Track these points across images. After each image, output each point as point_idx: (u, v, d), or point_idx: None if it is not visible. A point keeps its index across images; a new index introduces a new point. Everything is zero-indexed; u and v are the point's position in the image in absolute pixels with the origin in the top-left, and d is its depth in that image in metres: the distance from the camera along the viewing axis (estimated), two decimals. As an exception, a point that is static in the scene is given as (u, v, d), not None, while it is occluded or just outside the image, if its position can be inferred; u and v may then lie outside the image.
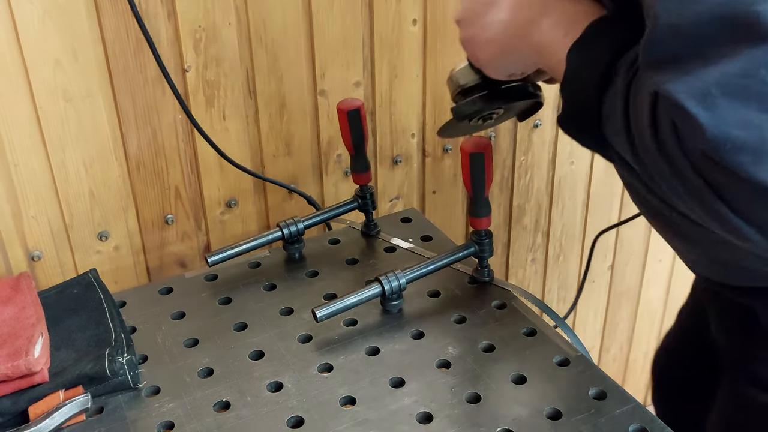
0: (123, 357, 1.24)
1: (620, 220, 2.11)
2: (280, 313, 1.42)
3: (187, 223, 1.76)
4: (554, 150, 2.21)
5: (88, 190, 1.62)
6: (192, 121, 1.62)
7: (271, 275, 1.52)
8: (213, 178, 1.74)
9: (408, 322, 1.37)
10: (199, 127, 1.63)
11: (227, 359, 1.30)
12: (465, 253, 1.44)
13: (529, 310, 1.39)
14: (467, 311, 1.40)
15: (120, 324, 1.33)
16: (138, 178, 1.67)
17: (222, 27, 1.62)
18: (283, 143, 1.79)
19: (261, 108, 1.73)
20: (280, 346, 1.33)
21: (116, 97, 1.58)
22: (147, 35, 1.51)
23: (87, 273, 1.47)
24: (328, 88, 1.79)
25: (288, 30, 1.69)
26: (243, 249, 1.52)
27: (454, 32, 1.82)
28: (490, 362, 1.27)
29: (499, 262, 2.31)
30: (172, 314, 1.42)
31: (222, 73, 1.66)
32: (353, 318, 1.38)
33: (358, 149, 1.54)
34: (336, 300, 1.34)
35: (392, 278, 1.37)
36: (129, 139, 1.63)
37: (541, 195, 2.27)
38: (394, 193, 2.01)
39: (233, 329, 1.38)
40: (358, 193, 1.61)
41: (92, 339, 1.31)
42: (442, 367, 1.27)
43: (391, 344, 1.32)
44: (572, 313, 2.59)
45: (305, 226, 1.56)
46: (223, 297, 1.47)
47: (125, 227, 1.70)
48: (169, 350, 1.33)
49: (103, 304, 1.38)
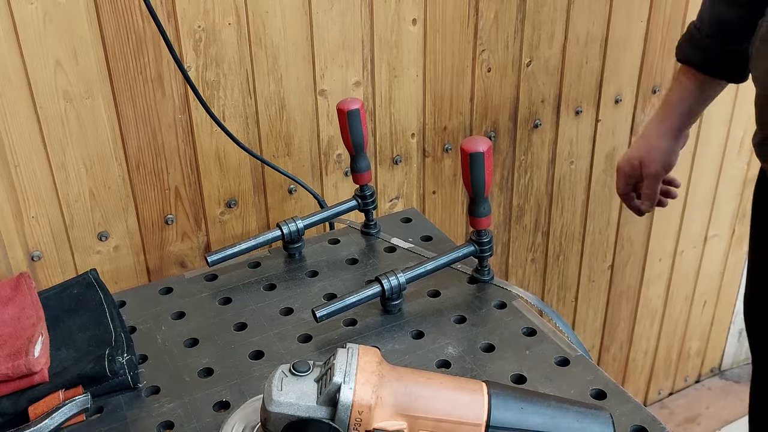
0: (123, 357, 1.24)
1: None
2: (279, 312, 1.41)
3: (187, 223, 1.76)
4: (554, 150, 2.21)
5: (88, 190, 1.62)
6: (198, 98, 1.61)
7: (270, 275, 1.52)
8: (213, 179, 1.74)
9: (408, 322, 1.37)
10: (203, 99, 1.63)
11: (227, 359, 1.30)
12: (465, 252, 1.44)
13: (528, 310, 1.39)
14: (467, 311, 1.40)
15: (120, 324, 1.33)
16: (138, 179, 1.67)
17: (222, 27, 1.62)
18: (283, 143, 1.79)
19: (261, 108, 1.73)
20: (280, 346, 1.33)
21: (116, 97, 1.58)
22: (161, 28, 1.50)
23: (87, 273, 1.47)
24: (327, 89, 1.79)
25: (288, 30, 1.69)
26: (243, 248, 1.52)
27: (454, 32, 1.84)
28: (490, 362, 1.27)
29: (499, 261, 2.31)
30: (171, 314, 1.42)
31: (222, 73, 1.66)
32: (353, 318, 1.38)
33: (358, 149, 1.54)
34: (336, 300, 1.34)
35: (392, 278, 1.37)
36: (129, 140, 1.63)
37: (540, 195, 2.27)
38: (394, 193, 2.01)
39: (233, 329, 1.38)
40: (358, 192, 1.61)
41: (92, 339, 1.31)
42: (441, 366, 1.27)
43: (391, 344, 1.32)
44: (573, 314, 2.60)
45: (305, 225, 1.56)
46: (222, 297, 1.47)
47: (125, 227, 1.70)
48: (169, 350, 1.33)
49: (103, 304, 1.38)
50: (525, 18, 1.98)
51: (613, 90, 2.24)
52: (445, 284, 1.47)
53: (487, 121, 2.06)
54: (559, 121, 2.18)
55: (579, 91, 2.18)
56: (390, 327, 1.36)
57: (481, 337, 1.33)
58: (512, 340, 1.32)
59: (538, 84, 2.09)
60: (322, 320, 1.31)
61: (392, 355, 1.29)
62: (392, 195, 2.01)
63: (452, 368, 1.26)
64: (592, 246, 2.48)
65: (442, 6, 1.84)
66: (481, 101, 2.02)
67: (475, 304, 1.41)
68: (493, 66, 1.99)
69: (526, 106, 2.10)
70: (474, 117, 2.03)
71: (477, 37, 1.93)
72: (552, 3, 2.00)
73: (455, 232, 2.17)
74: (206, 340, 1.35)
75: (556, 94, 2.14)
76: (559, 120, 2.18)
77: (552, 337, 1.32)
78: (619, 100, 2.26)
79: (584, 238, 2.44)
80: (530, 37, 2.01)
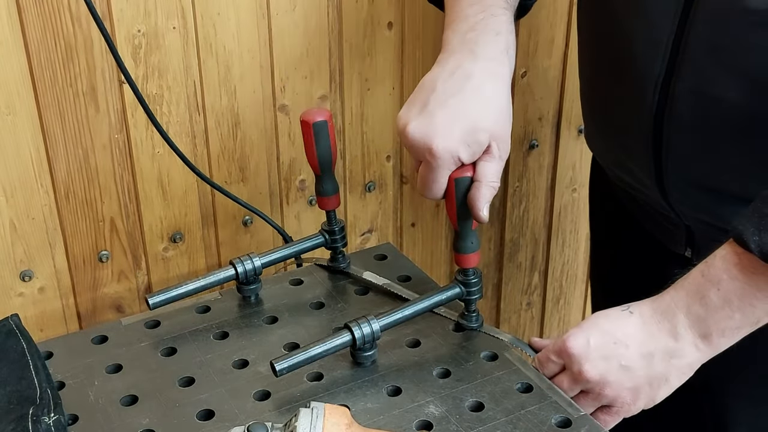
0: (49, 417, 1.24)
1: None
2: (233, 365, 1.42)
3: (125, 261, 1.77)
4: (553, 175, 2.23)
5: (8, 221, 1.63)
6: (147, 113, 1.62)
7: (222, 321, 1.53)
8: (155, 209, 1.75)
9: (383, 377, 1.38)
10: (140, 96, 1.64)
11: (171, 420, 1.31)
12: (449, 295, 1.45)
13: (524, 363, 1.40)
14: (451, 363, 1.41)
15: (46, 378, 1.34)
16: (67, 209, 1.68)
17: (165, 32, 1.63)
18: (237, 167, 1.80)
19: (211, 126, 1.74)
20: (233, 404, 1.33)
21: (41, 113, 1.59)
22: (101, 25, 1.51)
23: (7, 319, 1.47)
24: (289, 103, 1.80)
25: (242, 35, 1.70)
26: (190, 289, 1.52)
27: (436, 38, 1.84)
28: (479, 423, 1.28)
29: (489, 305, 2.32)
30: (106, 367, 1.43)
31: (165, 85, 1.67)
32: (318, 371, 1.39)
33: (324, 168, 1.55)
34: (298, 351, 1.34)
35: (364, 325, 1.37)
36: (56, 163, 1.63)
37: (538, 228, 2.28)
38: (367, 226, 2.02)
39: (178, 384, 1.39)
40: (325, 227, 1.62)
41: (13, 396, 1.31)
42: (422, 429, 1.28)
43: (362, 402, 1.33)
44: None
45: (263, 264, 1.57)
46: (166, 347, 1.47)
47: (52, 265, 1.70)
48: (103, 409, 1.34)
49: (26, 355, 1.38)
50: (519, 22, 1.99)
51: (621, 106, 2.25)
52: (426, 332, 1.48)
53: (476, 142, 2.06)
54: (559, 141, 2.20)
55: (582, 107, 2.19)
56: (362, 382, 1.37)
57: (468, 395, 1.34)
58: (505, 397, 1.33)
59: (534, 98, 2.11)
60: (282, 374, 1.32)
61: (364, 416, 1.30)
62: (364, 228, 2.02)
63: (434, 431, 1.27)
64: (598, 287, 2.50)
65: (422, 7, 1.86)
66: (468, 118, 2.02)
67: (462, 356, 1.42)
68: (483, 77, 2.00)
69: (520, 125, 2.12)
70: (460, 137, 2.03)
71: (463, 44, 1.94)
72: (551, 4, 2.02)
73: (438, 272, 2.18)
74: (147, 398, 1.36)
75: (556, 110, 2.16)
76: (559, 140, 2.20)
77: (551, 395, 1.33)
78: (628, 118, 2.28)
79: (588, 279, 2.46)
80: (525, 43, 2.03)
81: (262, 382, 1.37)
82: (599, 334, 1.32)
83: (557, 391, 1.34)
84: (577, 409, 1.30)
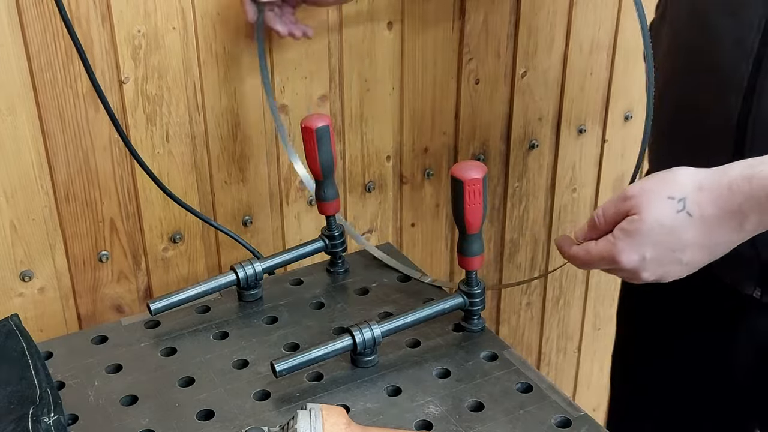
0: (49, 417, 1.24)
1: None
2: (232, 365, 1.43)
3: (125, 261, 1.77)
4: (553, 175, 2.23)
5: (8, 222, 1.63)
6: (128, 147, 1.62)
7: (222, 321, 1.53)
8: (155, 209, 1.76)
9: (382, 376, 1.39)
10: (135, 153, 1.64)
11: (171, 420, 1.31)
12: (452, 304, 1.46)
13: (523, 362, 1.41)
14: (451, 363, 1.41)
15: (46, 378, 1.34)
16: (67, 209, 1.68)
17: (165, 32, 1.64)
18: (237, 168, 1.80)
19: (211, 127, 1.75)
20: (233, 404, 1.34)
21: (42, 115, 1.59)
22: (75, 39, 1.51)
23: (7, 319, 1.47)
24: (288, 104, 1.80)
25: (242, 36, 1.71)
26: (191, 295, 1.53)
27: (437, 38, 1.84)
28: (479, 423, 1.29)
29: (489, 306, 2.32)
30: (106, 367, 1.43)
31: (165, 86, 1.67)
32: (318, 372, 1.39)
33: (326, 173, 1.55)
34: (299, 352, 1.34)
35: (366, 330, 1.37)
36: (57, 164, 1.64)
37: (537, 228, 2.28)
38: (366, 226, 2.02)
39: (178, 385, 1.39)
40: (324, 232, 1.62)
41: (13, 396, 1.31)
42: (421, 429, 1.28)
43: (362, 402, 1.33)
44: (576, 368, 2.60)
45: (264, 269, 1.57)
46: (166, 347, 1.47)
47: (52, 266, 1.71)
48: (103, 409, 1.34)
49: (26, 356, 1.38)
50: (519, 22, 2.00)
51: (621, 106, 2.26)
52: (426, 332, 1.48)
53: (475, 142, 2.08)
54: (560, 141, 2.20)
55: (582, 107, 2.20)
56: (361, 382, 1.38)
57: (467, 394, 1.34)
58: (504, 397, 1.33)
59: (534, 98, 2.11)
60: (282, 375, 1.32)
61: (363, 416, 1.30)
62: (364, 228, 2.02)
63: (434, 431, 1.28)
64: (597, 288, 2.50)
65: (422, 7, 1.86)
66: (467, 118, 2.04)
67: (461, 356, 1.43)
68: (482, 77, 2.01)
69: (520, 125, 2.12)
70: (460, 137, 2.05)
71: (463, 44, 1.95)
72: (551, 5, 2.02)
73: (438, 272, 2.18)
74: (146, 398, 1.36)
75: (556, 110, 2.16)
76: (559, 140, 2.20)
77: (551, 395, 1.33)
78: (629, 117, 2.29)
79: (588, 279, 2.46)
80: (525, 44, 2.03)
81: (261, 382, 1.37)
82: (652, 247, 1.19)
83: (557, 391, 1.34)
84: (577, 409, 1.30)
